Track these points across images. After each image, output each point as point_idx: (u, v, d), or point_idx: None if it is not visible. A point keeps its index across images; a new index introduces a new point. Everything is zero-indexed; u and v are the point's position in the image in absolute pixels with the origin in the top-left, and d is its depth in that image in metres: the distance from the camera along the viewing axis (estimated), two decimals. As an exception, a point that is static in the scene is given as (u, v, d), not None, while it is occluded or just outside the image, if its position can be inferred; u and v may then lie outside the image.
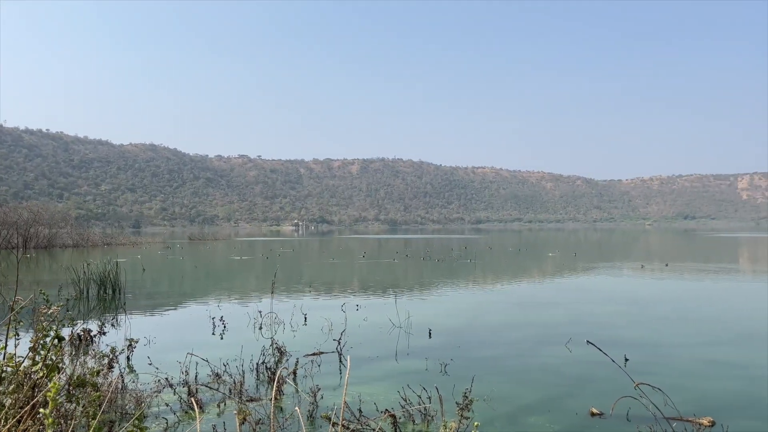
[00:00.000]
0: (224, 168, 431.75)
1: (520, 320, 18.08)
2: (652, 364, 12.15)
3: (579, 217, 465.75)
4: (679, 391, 10.02)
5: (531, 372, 11.64)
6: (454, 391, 9.45)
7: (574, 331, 15.70)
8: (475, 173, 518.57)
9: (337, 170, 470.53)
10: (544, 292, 26.38)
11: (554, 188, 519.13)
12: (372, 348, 13.87)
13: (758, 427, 8.43)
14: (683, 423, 8.38)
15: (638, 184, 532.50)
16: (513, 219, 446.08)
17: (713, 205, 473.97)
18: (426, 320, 17.15)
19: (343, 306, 18.40)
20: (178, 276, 34.85)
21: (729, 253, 58.48)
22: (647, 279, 31.31)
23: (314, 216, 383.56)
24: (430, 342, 14.61)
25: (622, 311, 19.74)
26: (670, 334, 15.58)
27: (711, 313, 19.51)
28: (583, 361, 12.36)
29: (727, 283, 28.78)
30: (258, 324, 16.88)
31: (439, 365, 11.96)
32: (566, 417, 8.86)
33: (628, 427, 8.32)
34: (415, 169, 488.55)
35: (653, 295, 24.84)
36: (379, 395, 9.90)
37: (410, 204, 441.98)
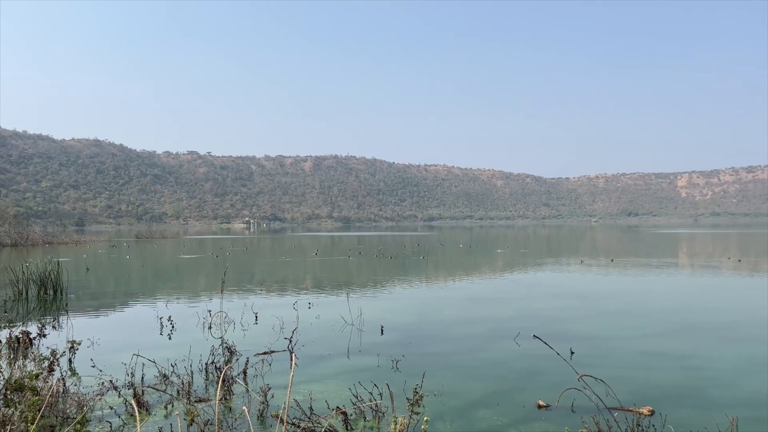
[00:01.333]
0: (173, 164, 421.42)
1: (471, 316, 18.36)
2: (596, 357, 12.54)
3: (528, 214, 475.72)
4: (622, 382, 10.38)
5: (480, 366, 11.84)
6: (406, 387, 9.53)
7: (523, 325, 16.06)
8: (428, 171, 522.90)
9: (290, 167, 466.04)
10: (494, 287, 26.85)
11: (504, 186, 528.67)
12: (324, 346, 13.83)
13: (695, 414, 8.81)
14: (624, 412, 8.69)
15: (585, 182, 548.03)
16: (464, 216, 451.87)
17: (655, 202, 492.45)
18: (378, 317, 17.22)
19: (295, 304, 18.29)
20: (125, 275, 33.87)
21: (669, 248, 60.87)
22: (593, 274, 32.28)
23: (266, 213, 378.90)
24: (383, 339, 14.67)
25: (568, 306, 20.29)
26: (614, 328, 16.11)
27: (653, 307, 20.27)
28: (531, 355, 12.65)
29: (667, 278, 29.95)
30: (207, 323, 16.59)
31: (390, 362, 12.03)
32: (514, 410, 9.06)
33: (572, 418, 8.57)
34: (369, 167, 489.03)
35: (599, 289, 25.63)
36: (331, 393, 9.89)
37: (363, 201, 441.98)
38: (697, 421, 8.40)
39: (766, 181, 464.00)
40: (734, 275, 30.63)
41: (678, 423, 8.16)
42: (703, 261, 41.66)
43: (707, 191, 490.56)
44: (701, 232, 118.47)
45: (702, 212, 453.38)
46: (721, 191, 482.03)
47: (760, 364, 11.76)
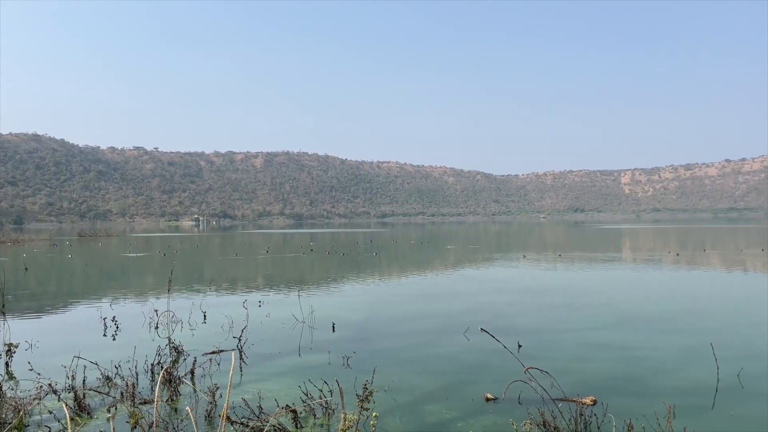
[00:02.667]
0: (118, 160, 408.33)
1: (422, 311, 18.52)
2: (542, 349, 12.85)
3: (479, 211, 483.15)
4: (566, 374, 10.68)
5: (431, 361, 11.96)
6: (356, 384, 9.54)
7: (473, 320, 16.31)
8: (381, 168, 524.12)
9: (240, 163, 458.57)
10: (444, 283, 27.15)
11: (456, 183, 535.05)
12: (274, 344, 13.70)
13: (635, 403, 9.14)
14: (568, 403, 8.94)
15: (533, 179, 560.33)
16: (417, 213, 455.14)
17: (600, 198, 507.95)
18: (330, 314, 17.16)
19: (245, 302, 18.02)
20: (67, 275, 32.66)
21: (613, 243, 62.92)
22: (541, 269, 33.06)
23: (216, 211, 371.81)
24: (334, 336, 14.64)
25: (516, 300, 20.73)
26: (559, 321, 16.55)
27: (597, 300, 20.92)
28: (480, 349, 12.87)
29: (611, 272, 30.96)
30: (154, 323, 16.18)
31: (341, 358, 12.02)
32: (463, 403, 9.20)
33: (519, 410, 8.76)
34: (321, 163, 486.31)
35: (546, 284, 26.26)
36: (281, 391, 9.80)
37: (316, 198, 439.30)
38: (637, 409, 8.71)
39: (703, 178, 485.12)
40: (673, 269, 31.91)
41: (619, 411, 8.44)
42: (644, 255, 43.24)
43: (649, 188, 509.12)
44: (643, 227, 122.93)
45: (644, 208, 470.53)
46: (662, 188, 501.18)
47: (696, 353, 12.29)
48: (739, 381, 10.21)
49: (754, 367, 11.11)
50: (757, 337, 14.15)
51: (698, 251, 45.68)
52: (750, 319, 16.67)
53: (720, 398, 9.41)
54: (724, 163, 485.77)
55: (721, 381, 10.20)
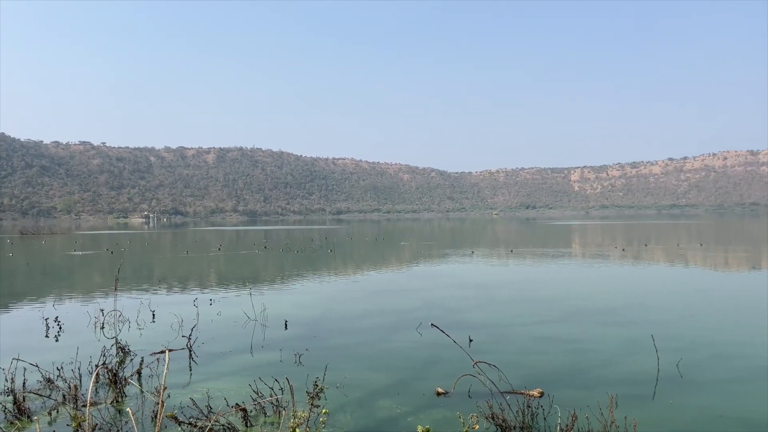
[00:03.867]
0: (63, 155, 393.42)
1: (375, 308, 18.58)
2: (492, 343, 13.09)
3: (434, 208, 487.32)
4: (515, 367, 10.91)
5: (383, 357, 12.02)
6: (308, 381, 9.49)
7: (425, 315, 16.46)
8: (336, 164, 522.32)
9: (192, 159, 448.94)
10: (398, 279, 27.31)
11: (411, 180, 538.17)
12: (225, 343, 13.50)
13: (580, 394, 9.41)
14: (516, 396, 9.13)
15: (486, 176, 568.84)
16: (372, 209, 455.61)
17: (550, 195, 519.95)
18: (283, 312, 17.02)
19: (196, 301, 17.71)
20: (7, 275, 31.32)
21: (563, 239, 64.52)
22: (492, 264, 33.62)
23: (167, 207, 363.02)
24: (286, 333, 14.53)
25: (468, 295, 21.03)
26: (510, 315, 16.88)
27: (546, 294, 21.42)
28: (432, 344, 13.00)
29: (560, 267, 31.75)
30: (99, 323, 15.71)
31: (294, 356, 11.94)
32: (414, 398, 9.28)
33: (469, 404, 8.89)
34: (275, 159, 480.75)
35: (497, 279, 26.72)
36: (231, 390, 9.68)
37: (270, 195, 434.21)
38: (581, 400, 8.96)
39: (648, 176, 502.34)
40: (618, 264, 32.95)
41: (564, 403, 8.67)
42: (592, 251, 44.51)
43: (597, 185, 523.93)
44: (591, 223, 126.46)
45: (592, 205, 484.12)
46: (609, 185, 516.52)
47: (639, 345, 12.73)
48: (678, 371, 10.63)
49: (692, 357, 11.59)
50: (695, 328, 14.77)
51: (642, 246, 47.28)
52: (689, 311, 17.38)
53: (660, 388, 9.78)
54: (668, 162, 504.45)
55: (662, 371, 10.60)
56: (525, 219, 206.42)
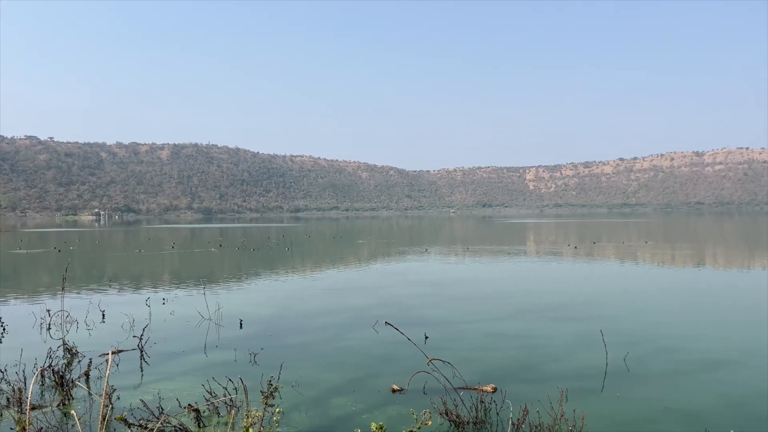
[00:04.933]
0: (7, 150, 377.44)
1: (332, 306, 18.55)
2: (448, 340, 13.25)
3: (392, 206, 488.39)
4: (470, 363, 11.07)
5: (339, 355, 12.02)
6: (263, 380, 9.41)
7: (382, 313, 16.51)
8: (294, 161, 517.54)
9: (145, 155, 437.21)
10: (356, 277, 27.32)
11: (369, 178, 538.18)
12: (178, 342, 13.26)
13: (532, 389, 9.62)
14: (470, 391, 9.27)
15: (444, 174, 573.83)
16: (331, 207, 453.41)
17: (506, 194, 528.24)
18: (238, 311, 16.82)
19: (148, 300, 17.31)
20: (-54, 274, 29.94)
21: (519, 237, 65.71)
22: (449, 262, 33.99)
23: (118, 205, 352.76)
24: (241, 332, 14.37)
25: (425, 293, 21.21)
26: (465, 312, 17.11)
27: (500, 291, 21.79)
28: (388, 342, 13.06)
29: (515, 264, 32.33)
30: (46, 324, 15.20)
31: (248, 355, 11.82)
32: (369, 395, 9.32)
33: (423, 400, 8.98)
34: (231, 156, 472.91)
35: (454, 276, 27.04)
36: (183, 390, 9.52)
37: (226, 192, 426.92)
38: (533, 394, 9.16)
39: (599, 175, 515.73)
40: (570, 261, 33.77)
41: (517, 397, 8.86)
42: (546, 248, 45.48)
43: (551, 184, 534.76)
44: (546, 221, 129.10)
45: (547, 203, 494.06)
46: (563, 185, 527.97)
47: (588, 339, 13.08)
48: (625, 364, 10.98)
49: (638, 351, 11.99)
50: (641, 323, 15.29)
51: (593, 244, 48.56)
52: (635, 307, 17.99)
53: (608, 381, 10.09)
54: (618, 162, 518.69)
55: (610, 365, 10.93)
56: (481, 217, 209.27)
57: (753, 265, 30.73)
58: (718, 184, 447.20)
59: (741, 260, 33.59)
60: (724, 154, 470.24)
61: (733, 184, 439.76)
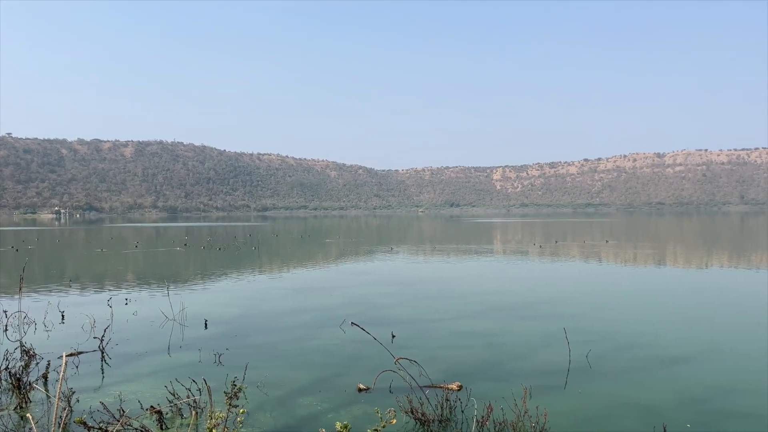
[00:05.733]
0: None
1: (299, 305, 18.45)
2: (415, 339, 13.31)
3: (360, 205, 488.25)
4: (436, 361, 11.15)
5: (305, 355, 11.97)
6: (227, 381, 9.30)
7: (349, 312, 16.51)
8: (261, 160, 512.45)
9: (108, 152, 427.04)
10: (323, 276, 27.24)
11: (338, 176, 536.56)
12: (140, 343, 13.01)
13: (497, 386, 9.74)
14: (436, 390, 9.34)
15: (412, 174, 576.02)
16: (299, 206, 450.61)
17: (474, 194, 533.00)
18: (203, 311, 16.59)
19: (110, 300, 16.94)
20: None
21: (485, 236, 66.37)
22: (416, 261, 34.13)
23: (80, 203, 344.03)
24: (206, 333, 14.19)
25: (392, 292, 21.26)
26: (432, 311, 17.21)
27: (467, 289, 21.98)
28: (355, 341, 13.06)
29: (481, 263, 32.65)
30: (2, 326, 14.76)
31: (213, 356, 11.68)
32: (335, 395, 9.30)
33: (389, 399, 9.01)
34: (197, 154, 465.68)
35: (421, 275, 27.17)
36: (146, 392, 9.35)
37: (192, 190, 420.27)
38: (497, 392, 9.28)
39: (565, 176, 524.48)
40: (536, 260, 34.27)
41: (482, 395, 8.95)
42: (512, 247, 46.06)
43: (518, 184, 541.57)
44: (512, 221, 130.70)
45: (513, 203, 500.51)
46: (529, 184, 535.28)
47: (552, 337, 13.30)
48: (587, 361, 11.20)
49: (600, 348, 12.24)
50: (603, 320, 15.63)
51: (555, 243, 49.37)
52: (597, 305, 18.37)
53: (571, 378, 10.28)
54: (583, 162, 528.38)
55: (573, 362, 11.13)
56: (449, 216, 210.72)
57: (711, 264, 31.66)
58: (678, 185, 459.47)
59: (699, 259, 34.58)
60: (683, 155, 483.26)
61: (693, 185, 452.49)
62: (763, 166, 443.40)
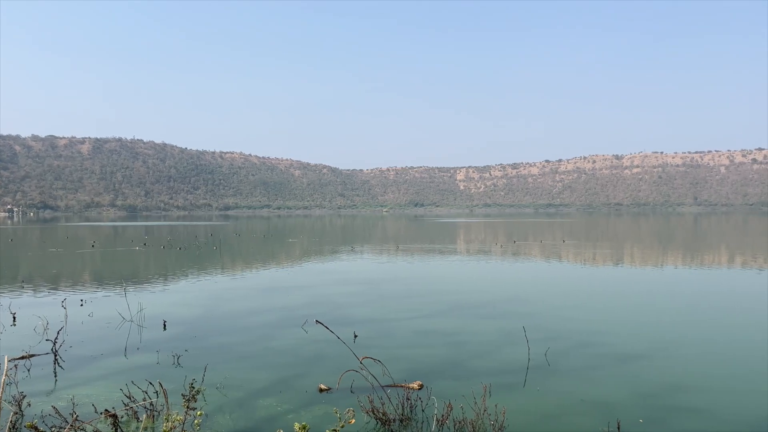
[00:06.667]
0: None
1: (261, 305, 18.28)
2: (377, 338, 13.34)
3: (325, 204, 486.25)
4: (398, 361, 11.19)
5: (266, 356, 11.86)
6: (186, 383, 9.16)
7: (312, 312, 16.43)
8: (224, 158, 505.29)
9: (63, 149, 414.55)
10: (286, 276, 27.03)
11: (302, 176, 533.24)
12: (96, 345, 12.69)
13: (457, 385, 9.83)
14: (397, 389, 9.37)
15: (377, 174, 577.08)
16: (262, 205, 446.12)
17: (438, 194, 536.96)
18: (162, 312, 16.28)
19: (64, 302, 16.47)
20: None
21: (449, 236, 66.90)
22: (380, 261, 34.18)
23: (34, 201, 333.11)
24: (165, 334, 13.93)
25: (355, 291, 21.25)
26: (395, 310, 17.26)
27: (429, 289, 22.12)
28: (318, 341, 13.01)
29: (445, 262, 32.90)
30: (-51, 329, 14.19)
31: (172, 357, 11.47)
32: (296, 395, 9.25)
33: (351, 399, 9.00)
34: (158, 152, 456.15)
35: (384, 275, 27.22)
36: (100, 395, 9.13)
37: (152, 189, 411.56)
38: (458, 390, 9.37)
39: (526, 176, 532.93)
40: (497, 259, 34.72)
41: (442, 394, 9.03)
42: (475, 246, 46.55)
43: (481, 185, 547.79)
44: (475, 221, 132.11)
45: (477, 203, 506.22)
46: (492, 185, 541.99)
47: (512, 336, 13.50)
48: (546, 359, 11.41)
49: (558, 346, 12.48)
50: (562, 318, 15.94)
51: (516, 242, 50.12)
52: (556, 303, 18.71)
53: (530, 376, 10.45)
54: (544, 163, 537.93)
55: (532, 360, 11.32)
56: (413, 216, 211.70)
57: (666, 263, 32.59)
58: (636, 186, 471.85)
59: (655, 259, 35.56)
60: (640, 158, 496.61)
61: (649, 186, 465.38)
62: (715, 168, 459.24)
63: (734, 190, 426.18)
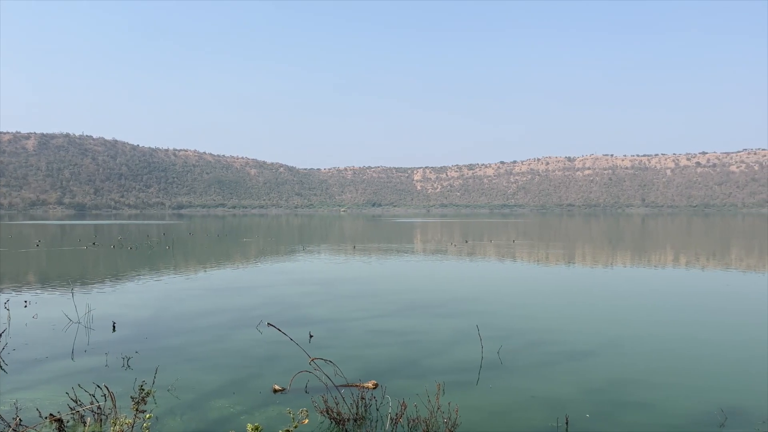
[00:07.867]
0: None
1: (214, 306, 18.00)
2: (332, 338, 13.32)
3: (282, 203, 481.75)
4: (353, 360, 11.22)
5: (219, 357, 11.70)
6: (136, 385, 8.97)
7: (266, 313, 16.29)
8: (177, 156, 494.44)
9: (7, 145, 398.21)
10: (241, 276, 26.70)
11: (258, 174, 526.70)
12: (41, 348, 12.27)
13: (412, 384, 9.92)
14: (351, 389, 9.39)
15: (335, 173, 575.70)
16: (217, 204, 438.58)
17: (395, 194, 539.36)
18: (111, 313, 15.86)
19: (7, 303, 15.89)
20: None
21: (405, 235, 67.25)
22: (337, 261, 34.11)
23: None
24: (114, 336, 13.57)
25: (310, 291, 21.15)
26: (350, 310, 17.27)
27: (385, 288, 22.22)
28: (272, 342, 12.90)
29: (401, 262, 33.06)
30: None
31: (122, 359, 11.20)
32: (250, 397, 9.16)
33: (305, 399, 8.98)
34: (108, 149, 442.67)
35: (341, 275, 27.18)
36: (45, 400, 8.84)
37: (102, 187, 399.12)
38: (412, 388, 9.46)
39: (482, 177, 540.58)
40: (452, 259, 35.11)
41: (396, 392, 9.10)
42: (431, 246, 46.94)
43: (438, 185, 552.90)
44: (432, 221, 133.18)
45: (433, 203, 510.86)
46: (449, 185, 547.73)
47: (465, 335, 13.68)
48: (498, 357, 11.62)
49: (511, 344, 12.73)
50: (514, 317, 16.28)
51: (475, 242, 50.83)
52: (509, 302, 19.10)
53: (483, 373, 10.63)
54: (500, 165, 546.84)
55: (485, 358, 11.52)
56: (371, 216, 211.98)
57: (615, 263, 33.59)
58: (587, 187, 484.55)
59: (605, 258, 36.61)
60: (592, 160, 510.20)
61: (600, 188, 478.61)
62: (662, 171, 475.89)
63: (679, 193, 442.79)
